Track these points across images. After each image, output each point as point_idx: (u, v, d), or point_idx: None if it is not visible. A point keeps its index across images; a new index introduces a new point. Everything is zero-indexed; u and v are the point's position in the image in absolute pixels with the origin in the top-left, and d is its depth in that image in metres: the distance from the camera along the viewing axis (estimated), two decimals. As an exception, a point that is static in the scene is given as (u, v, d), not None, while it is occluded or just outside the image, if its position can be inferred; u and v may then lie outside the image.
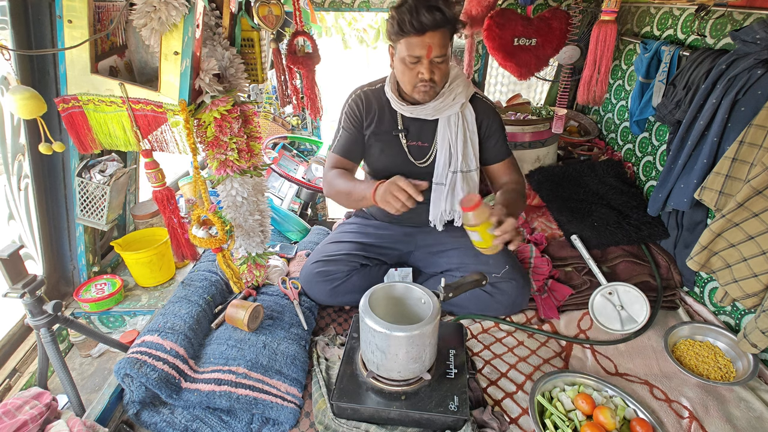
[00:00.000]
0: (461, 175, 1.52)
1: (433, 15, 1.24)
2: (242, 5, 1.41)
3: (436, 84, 1.37)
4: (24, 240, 1.64)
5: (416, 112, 1.46)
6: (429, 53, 1.30)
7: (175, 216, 1.28)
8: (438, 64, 1.33)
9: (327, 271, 1.56)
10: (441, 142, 1.50)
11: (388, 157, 1.56)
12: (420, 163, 1.56)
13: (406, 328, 1.06)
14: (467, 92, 1.48)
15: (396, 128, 1.53)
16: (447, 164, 1.52)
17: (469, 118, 1.50)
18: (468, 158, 1.52)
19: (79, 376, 1.64)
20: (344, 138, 1.58)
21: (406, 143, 1.54)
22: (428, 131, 1.52)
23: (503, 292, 1.51)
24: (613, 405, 1.19)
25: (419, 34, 1.27)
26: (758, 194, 1.18)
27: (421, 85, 1.37)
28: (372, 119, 1.54)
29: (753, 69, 1.24)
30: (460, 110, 1.47)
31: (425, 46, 1.28)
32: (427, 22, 1.24)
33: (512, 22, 1.97)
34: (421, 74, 1.34)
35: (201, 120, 1.19)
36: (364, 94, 1.55)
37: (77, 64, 1.07)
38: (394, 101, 1.48)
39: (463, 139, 1.50)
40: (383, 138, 1.55)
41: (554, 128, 2.11)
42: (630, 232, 1.74)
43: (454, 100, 1.45)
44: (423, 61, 1.31)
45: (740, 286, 1.25)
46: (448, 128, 1.49)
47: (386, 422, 1.16)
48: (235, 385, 1.19)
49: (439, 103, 1.43)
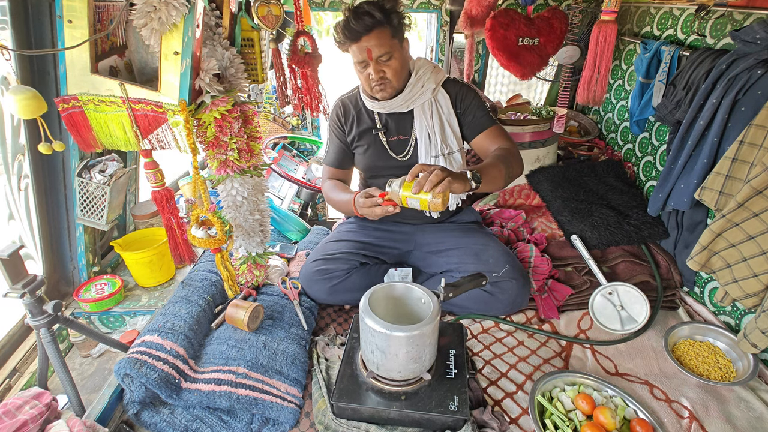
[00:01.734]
0: (443, 158, 1.56)
1: (362, 20, 1.32)
2: (242, 5, 1.41)
3: (390, 80, 1.44)
4: (24, 240, 1.64)
5: (388, 106, 1.52)
6: (370, 55, 1.38)
7: (174, 217, 1.28)
8: (385, 62, 1.40)
9: (326, 270, 1.56)
10: (419, 132, 1.55)
11: (371, 156, 1.62)
12: (401, 157, 1.61)
13: (406, 328, 1.06)
14: (436, 78, 1.53)
15: (375, 127, 1.60)
16: (428, 151, 1.56)
17: (443, 101, 1.55)
18: (448, 140, 1.56)
19: (79, 376, 1.64)
20: (332, 148, 1.69)
21: (386, 140, 1.60)
22: (406, 124, 1.58)
23: (503, 291, 1.51)
24: (613, 405, 1.19)
25: (355, 41, 1.36)
26: (758, 194, 1.18)
27: (375, 85, 1.44)
28: (352, 123, 1.62)
29: (753, 69, 1.24)
30: (432, 96, 1.53)
31: (364, 50, 1.37)
32: (358, 29, 1.33)
33: (516, 23, 1.97)
34: (371, 75, 1.41)
35: (201, 120, 1.19)
36: (342, 102, 1.66)
37: (77, 64, 1.07)
38: (368, 101, 1.56)
39: (440, 123, 1.54)
40: (365, 139, 1.62)
41: (554, 128, 2.11)
42: (630, 232, 1.74)
43: (423, 88, 1.51)
44: (369, 63, 1.40)
45: (740, 286, 1.25)
46: (423, 116, 1.54)
47: (386, 422, 1.16)
48: (235, 385, 1.19)
49: (407, 93, 1.50)
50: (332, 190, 1.61)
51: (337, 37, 1.40)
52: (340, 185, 1.63)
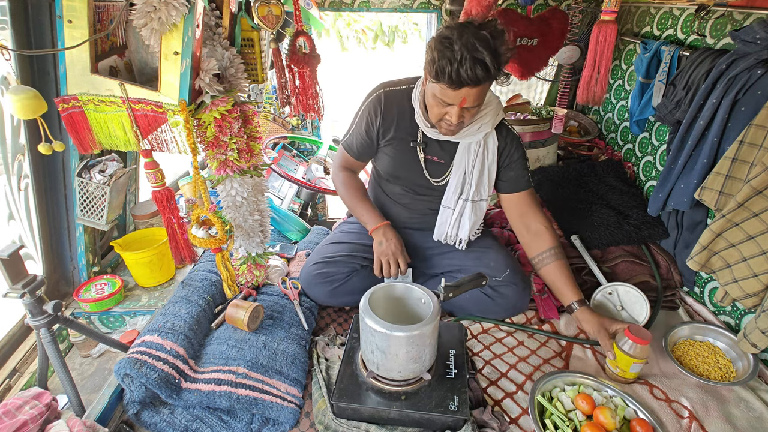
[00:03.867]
0: (471, 204, 1.50)
1: (476, 72, 1.11)
2: (242, 5, 1.41)
3: (463, 125, 1.31)
4: (24, 240, 1.64)
5: (437, 134, 1.40)
6: (462, 104, 1.20)
7: (175, 217, 1.27)
8: (469, 109, 1.25)
9: (327, 273, 1.55)
10: (457, 167, 1.46)
11: (402, 166, 1.51)
12: (435, 181, 1.51)
13: (406, 328, 1.06)
14: (494, 121, 1.40)
15: (414, 139, 1.46)
16: (458, 191, 1.49)
17: (491, 146, 1.44)
18: (481, 187, 1.48)
19: (79, 376, 1.64)
20: (356, 137, 1.54)
21: (423, 156, 1.48)
22: (447, 149, 1.47)
23: (504, 296, 1.50)
24: (613, 405, 1.19)
25: (456, 88, 1.16)
26: (758, 194, 1.18)
27: (446, 125, 1.30)
28: (390, 123, 1.46)
29: (753, 69, 1.24)
30: (483, 138, 1.41)
31: (460, 98, 1.18)
32: (467, 79, 1.13)
33: (515, 23, 1.97)
34: (448, 117, 1.26)
35: (201, 120, 1.19)
36: (386, 95, 1.45)
37: (77, 64, 1.07)
38: (419, 117, 1.40)
39: (480, 168, 1.45)
40: (399, 145, 1.48)
41: (554, 128, 2.11)
42: (630, 232, 1.74)
43: (479, 129, 1.38)
44: (455, 107, 1.22)
45: (740, 286, 1.25)
46: (467, 154, 1.44)
47: (386, 422, 1.16)
48: (235, 385, 1.19)
49: (462, 131, 1.37)
50: (346, 188, 1.55)
51: (431, 71, 1.17)
52: (359, 188, 1.58)
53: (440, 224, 1.57)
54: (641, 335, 1.23)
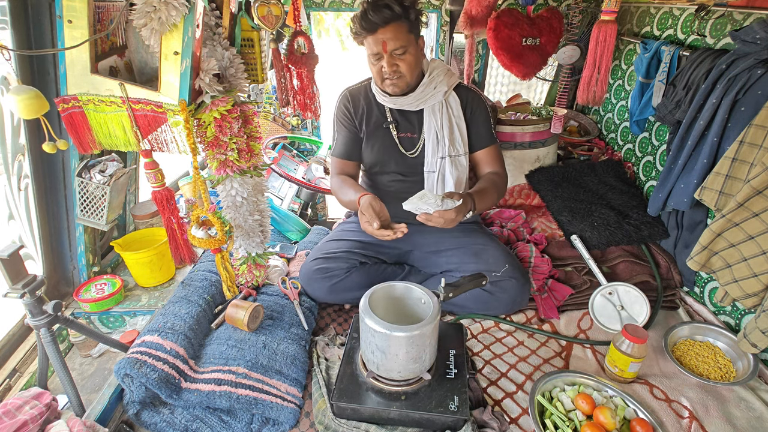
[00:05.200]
0: (449, 160, 1.56)
1: (381, 12, 1.32)
2: (242, 5, 1.41)
3: (403, 75, 1.43)
4: (24, 240, 1.64)
5: (399, 102, 1.53)
6: (385, 48, 1.37)
7: (174, 217, 1.27)
8: (399, 56, 1.40)
9: (326, 268, 1.56)
10: (428, 131, 1.56)
11: (380, 150, 1.61)
12: (410, 154, 1.60)
13: (406, 328, 1.06)
14: (449, 81, 1.53)
15: (386, 121, 1.59)
16: (435, 151, 1.56)
17: (454, 104, 1.56)
18: (455, 142, 1.56)
19: (79, 376, 1.64)
20: (341, 139, 1.65)
21: (396, 134, 1.59)
22: (415, 122, 1.58)
23: (504, 291, 1.51)
24: (613, 405, 1.19)
25: (372, 33, 1.36)
26: (758, 194, 1.18)
27: (387, 78, 1.44)
28: (362, 115, 1.61)
29: (753, 69, 1.24)
30: (443, 98, 1.53)
31: (380, 42, 1.37)
32: (375, 20, 1.33)
33: (520, 22, 1.97)
34: (384, 68, 1.41)
35: (201, 120, 1.19)
36: (350, 93, 1.63)
37: (77, 64, 1.07)
38: (379, 95, 1.55)
39: (449, 125, 1.55)
40: (375, 132, 1.60)
41: (554, 128, 2.11)
42: (630, 232, 1.74)
43: (435, 89, 1.51)
44: (383, 56, 1.39)
45: (740, 286, 1.25)
46: (433, 116, 1.54)
47: (386, 422, 1.16)
48: (235, 385, 1.19)
49: (419, 93, 1.50)
50: (340, 189, 1.58)
51: (354, 27, 1.40)
52: (348, 182, 1.59)
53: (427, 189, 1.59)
54: (638, 334, 1.24)
